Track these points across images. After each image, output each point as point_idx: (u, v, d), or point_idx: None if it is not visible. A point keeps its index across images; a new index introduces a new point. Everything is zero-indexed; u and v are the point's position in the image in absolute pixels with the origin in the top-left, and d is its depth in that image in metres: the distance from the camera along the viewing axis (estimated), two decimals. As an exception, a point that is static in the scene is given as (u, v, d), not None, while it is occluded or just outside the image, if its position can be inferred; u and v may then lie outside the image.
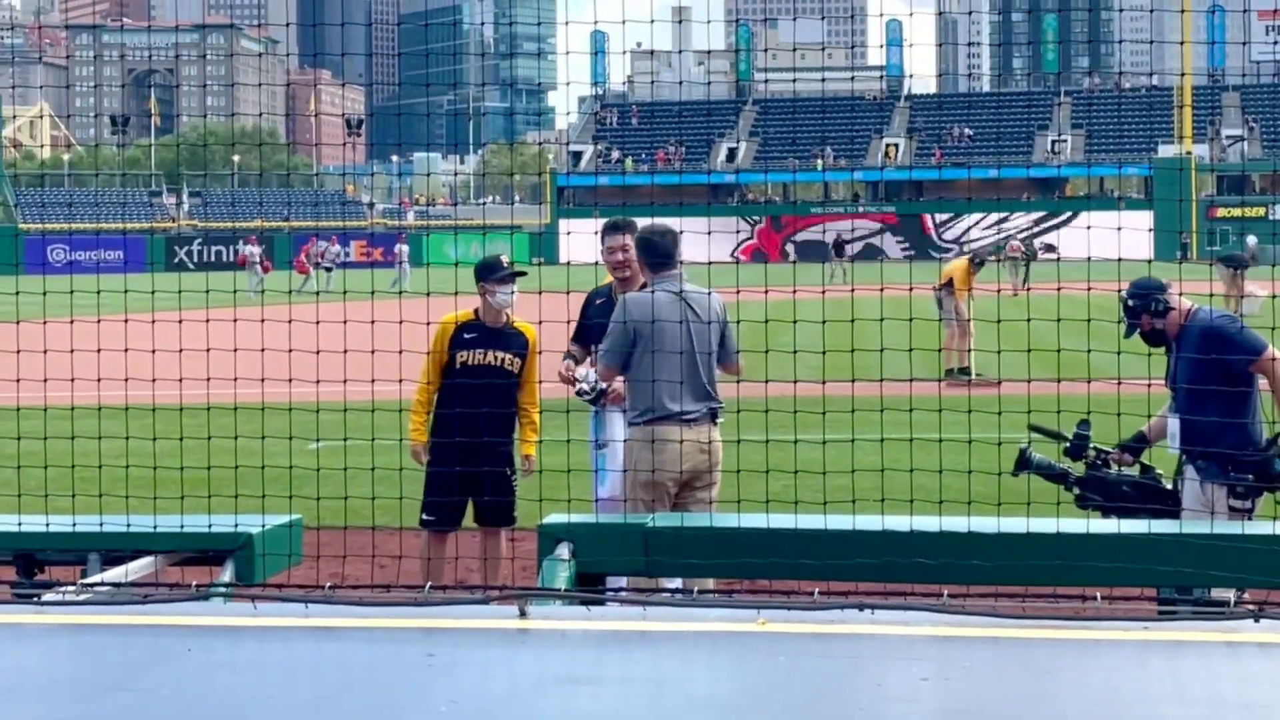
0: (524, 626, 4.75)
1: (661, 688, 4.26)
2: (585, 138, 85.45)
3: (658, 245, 6.98)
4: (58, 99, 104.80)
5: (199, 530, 6.18)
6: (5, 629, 4.83)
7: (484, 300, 7.77)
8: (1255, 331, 6.37)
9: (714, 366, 6.91)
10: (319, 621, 4.77)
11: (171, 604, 5.00)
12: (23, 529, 6.32)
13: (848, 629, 4.63)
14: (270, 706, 3.99)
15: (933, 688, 4.10)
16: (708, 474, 6.88)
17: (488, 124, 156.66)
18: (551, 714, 3.93)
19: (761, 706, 4.07)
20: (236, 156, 78.81)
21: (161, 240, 63.69)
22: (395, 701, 4.00)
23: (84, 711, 3.97)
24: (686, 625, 4.76)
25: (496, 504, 7.66)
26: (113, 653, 4.57)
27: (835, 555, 5.30)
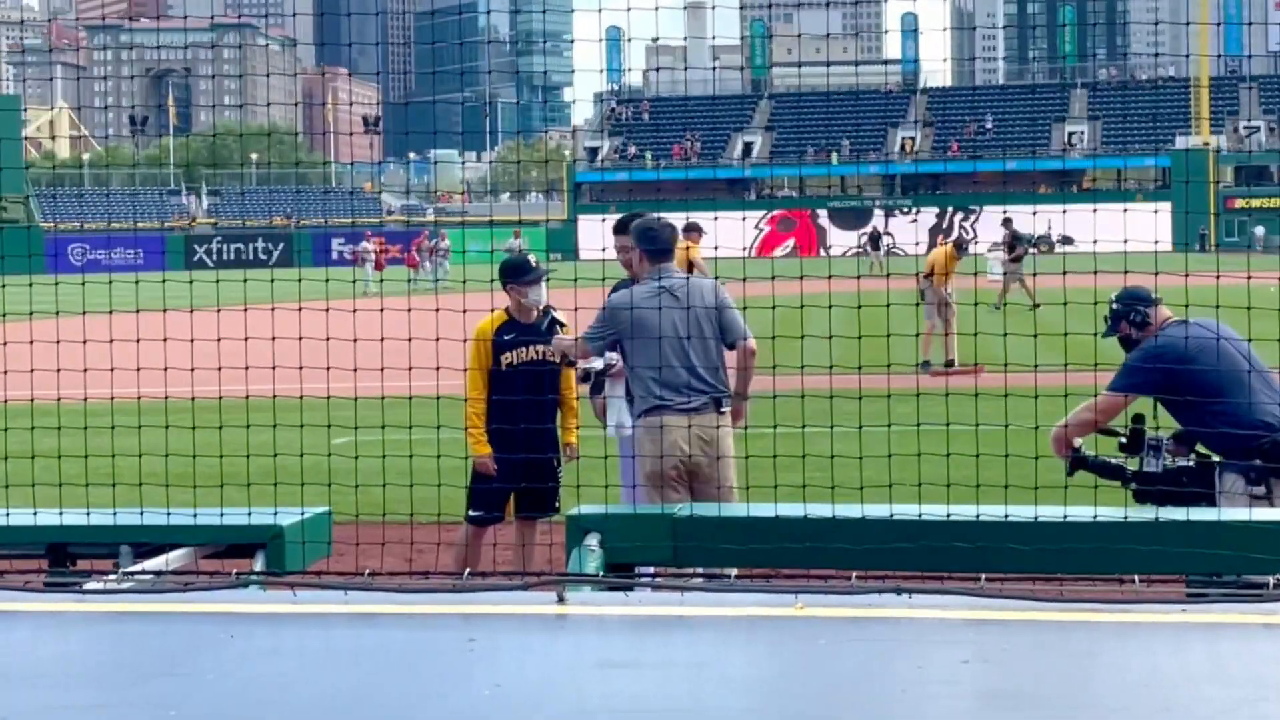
0: (562, 612, 4.77)
1: (700, 671, 4.28)
2: (602, 133, 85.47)
3: (656, 235, 7.02)
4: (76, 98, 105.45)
5: (230, 523, 6.22)
6: (48, 617, 4.87)
7: (514, 300, 7.84)
8: (1140, 366, 6.34)
9: (714, 355, 6.91)
10: (358, 608, 4.80)
11: (212, 591, 5.04)
12: (56, 522, 6.37)
13: (885, 613, 4.64)
14: (314, 692, 4.02)
15: (974, 670, 4.11)
16: (712, 463, 6.86)
17: (504, 120, 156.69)
18: (593, 697, 3.95)
19: (801, 689, 4.08)
20: (255, 154, 79.00)
21: (180, 238, 63.91)
22: (438, 686, 4.03)
23: (130, 697, 4.00)
24: (723, 610, 4.77)
25: (542, 495, 7.73)
26: (156, 640, 4.61)
27: (872, 542, 5.30)
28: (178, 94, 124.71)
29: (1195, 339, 6.25)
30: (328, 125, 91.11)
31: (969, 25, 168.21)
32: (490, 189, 76.62)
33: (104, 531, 6.40)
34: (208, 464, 6.55)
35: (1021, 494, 5.63)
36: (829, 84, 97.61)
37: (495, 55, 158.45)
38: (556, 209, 76.64)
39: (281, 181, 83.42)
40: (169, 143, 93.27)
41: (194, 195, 79.86)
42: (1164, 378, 6.26)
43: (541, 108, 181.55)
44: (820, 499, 5.79)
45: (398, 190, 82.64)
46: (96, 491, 6.28)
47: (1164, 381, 6.27)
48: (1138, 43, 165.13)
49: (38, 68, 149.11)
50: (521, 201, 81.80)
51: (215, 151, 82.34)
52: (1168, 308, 6.53)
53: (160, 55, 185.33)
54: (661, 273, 6.94)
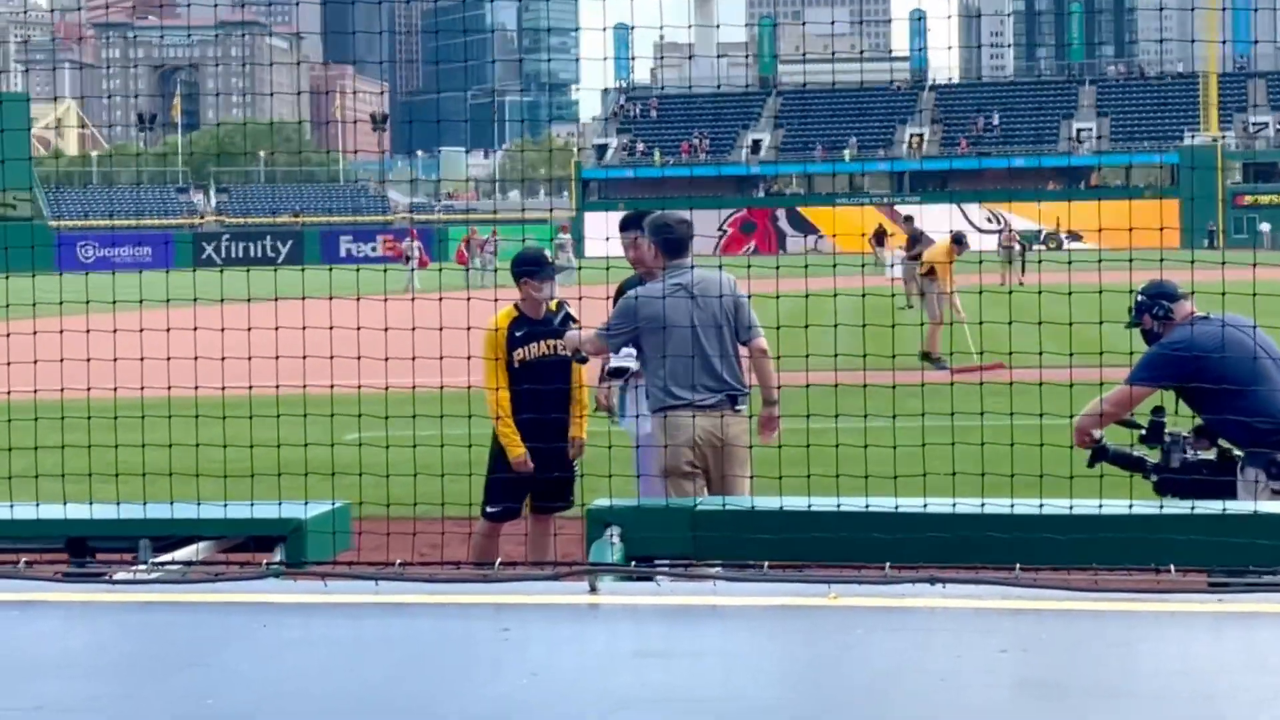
0: (594, 602, 4.76)
1: (736, 660, 4.27)
2: (610, 131, 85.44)
3: (671, 231, 6.99)
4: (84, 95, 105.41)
5: (249, 516, 6.20)
6: (79, 607, 4.87)
7: (526, 295, 7.80)
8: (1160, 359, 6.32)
9: (731, 352, 6.89)
10: (389, 598, 4.79)
11: (242, 582, 5.03)
12: (74, 515, 6.36)
13: (920, 603, 4.62)
14: (350, 680, 4.01)
15: (1012, 659, 4.09)
16: (728, 460, 6.84)
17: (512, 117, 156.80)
18: (631, 686, 3.94)
19: (838, 678, 4.07)
20: (262, 152, 79.06)
21: (189, 236, 63.96)
22: (475, 675, 4.01)
23: (165, 686, 3.99)
24: (756, 600, 4.75)
25: (557, 489, 7.70)
26: (186, 630, 4.60)
27: (906, 535, 5.27)
28: (185, 91, 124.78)
29: (1216, 333, 6.23)
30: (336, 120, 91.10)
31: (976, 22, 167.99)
32: (497, 185, 76.55)
33: (124, 525, 6.38)
34: (218, 458, 6.52)
35: (1038, 486, 5.60)
36: (836, 80, 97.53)
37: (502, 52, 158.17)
38: (564, 205, 76.65)
39: (289, 179, 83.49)
40: (177, 140, 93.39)
41: (202, 192, 79.93)
42: (1184, 371, 6.24)
43: (549, 105, 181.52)
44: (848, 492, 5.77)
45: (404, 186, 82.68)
46: (111, 486, 6.27)
47: (1184, 375, 6.25)
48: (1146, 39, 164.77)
49: (45, 64, 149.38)
50: (529, 198, 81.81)
51: (223, 148, 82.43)
52: (1191, 302, 6.51)
53: (167, 52, 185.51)
54: (678, 269, 6.91)
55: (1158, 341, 6.47)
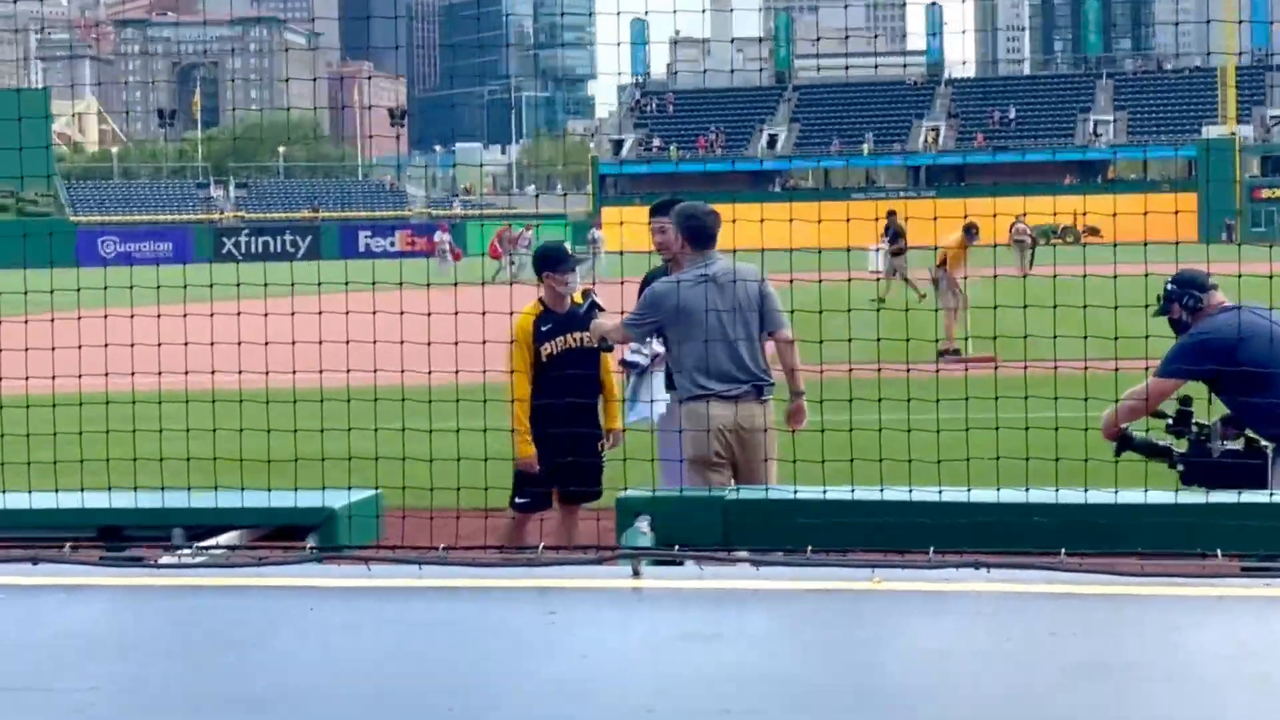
0: (638, 586, 4.77)
1: (780, 643, 4.27)
2: (626, 126, 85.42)
3: (699, 224, 6.99)
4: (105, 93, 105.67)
5: (282, 505, 6.22)
6: (125, 591, 4.90)
7: (549, 289, 7.83)
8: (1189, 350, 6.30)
9: (757, 343, 6.89)
10: (433, 582, 4.81)
11: (286, 566, 5.05)
12: (107, 504, 6.38)
13: (964, 587, 4.62)
14: (403, 663, 4.02)
15: (1060, 643, 4.08)
16: (748, 453, 6.84)
17: (528, 113, 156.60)
18: (682, 667, 3.94)
19: (885, 661, 4.07)
20: (282, 148, 79.22)
21: (210, 231, 64.16)
22: (526, 657, 4.02)
23: (217, 668, 4.01)
24: (800, 584, 4.75)
25: (585, 481, 7.72)
26: (233, 613, 4.62)
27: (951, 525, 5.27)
28: (205, 88, 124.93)
29: (1246, 323, 6.21)
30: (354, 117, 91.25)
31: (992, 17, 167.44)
32: (515, 181, 76.71)
33: (157, 514, 6.41)
34: (249, 448, 6.54)
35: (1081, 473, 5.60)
36: (852, 75, 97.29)
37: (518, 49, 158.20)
38: (581, 201, 76.66)
39: (308, 174, 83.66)
40: (196, 135, 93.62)
41: (222, 188, 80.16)
42: (1213, 362, 6.22)
43: (565, 101, 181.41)
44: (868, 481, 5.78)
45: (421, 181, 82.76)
46: (142, 476, 6.29)
47: (1213, 366, 6.24)
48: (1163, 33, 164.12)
49: (66, 62, 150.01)
50: (546, 194, 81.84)
51: (242, 145, 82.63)
52: (1221, 293, 6.50)
53: (186, 49, 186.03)
54: (704, 259, 6.91)
55: (1187, 332, 6.45)
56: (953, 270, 18.68)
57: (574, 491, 7.83)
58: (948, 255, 18.90)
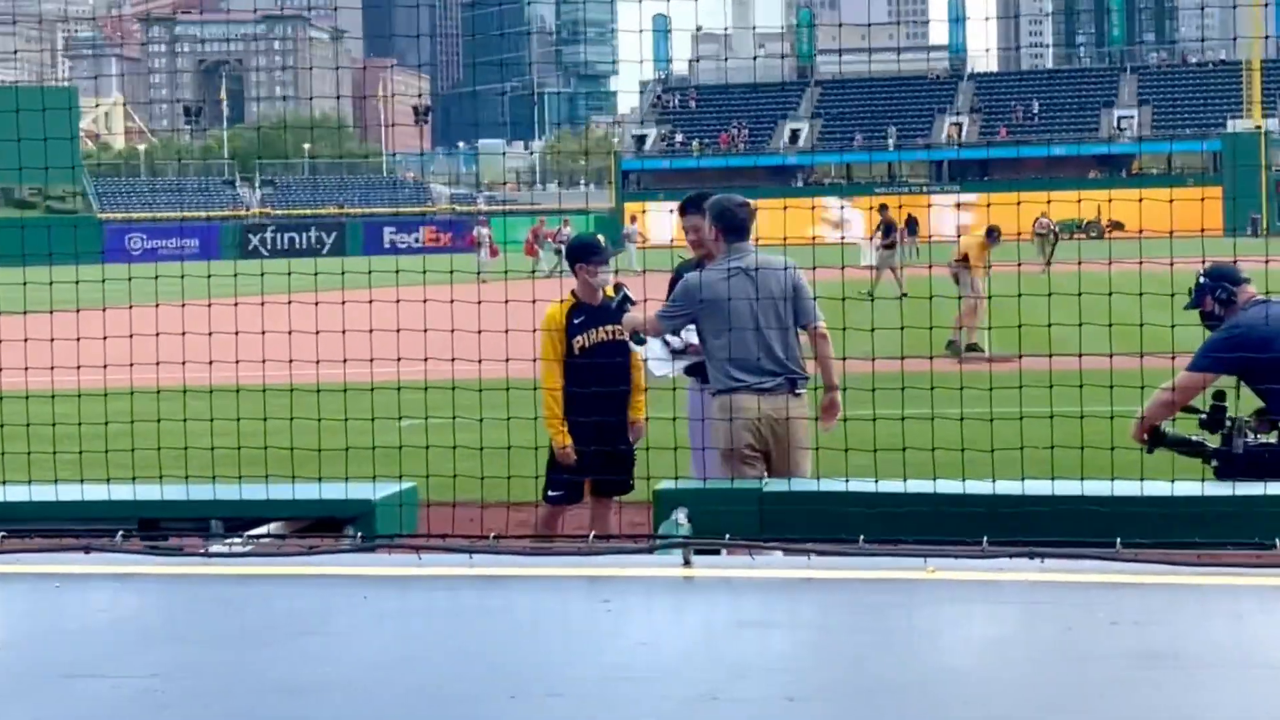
0: (689, 575, 4.76)
1: (835, 632, 4.25)
2: (649, 122, 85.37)
3: (732, 216, 6.96)
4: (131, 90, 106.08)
5: (320, 497, 6.22)
6: (178, 580, 4.91)
7: (583, 281, 7.82)
8: (1221, 344, 6.25)
9: (790, 336, 6.86)
10: (484, 571, 4.80)
11: (338, 555, 5.05)
12: (146, 496, 6.40)
13: (1019, 576, 4.59)
14: (462, 648, 4.02)
15: (1124, 631, 4.05)
16: (782, 447, 6.81)
17: (551, 109, 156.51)
18: (744, 655, 3.93)
19: (944, 649, 4.05)
20: (307, 145, 79.35)
21: (235, 228, 64.36)
22: (585, 642, 4.02)
23: (277, 654, 4.01)
24: (852, 573, 4.73)
25: (619, 473, 7.71)
26: (289, 600, 4.63)
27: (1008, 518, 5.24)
28: (230, 86, 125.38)
29: (1275, 317, 6.15)
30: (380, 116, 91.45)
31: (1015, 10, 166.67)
32: (538, 177, 76.74)
33: (195, 506, 6.42)
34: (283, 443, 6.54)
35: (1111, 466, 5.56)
36: (874, 71, 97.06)
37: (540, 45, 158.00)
38: (604, 197, 76.64)
39: (332, 171, 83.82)
40: (222, 134, 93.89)
41: (248, 185, 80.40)
42: (1248, 355, 6.17)
43: (587, 97, 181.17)
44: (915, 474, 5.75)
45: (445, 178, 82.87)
46: (178, 468, 6.30)
47: (1245, 360, 6.18)
48: (1187, 26, 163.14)
49: (92, 61, 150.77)
50: (568, 189, 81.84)
51: (267, 141, 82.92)
52: (1253, 286, 6.45)
53: (212, 47, 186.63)
54: (738, 252, 6.89)
55: (1220, 325, 6.41)
56: (973, 270, 18.65)
57: (607, 484, 7.83)
58: (969, 254, 18.87)
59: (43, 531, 5.50)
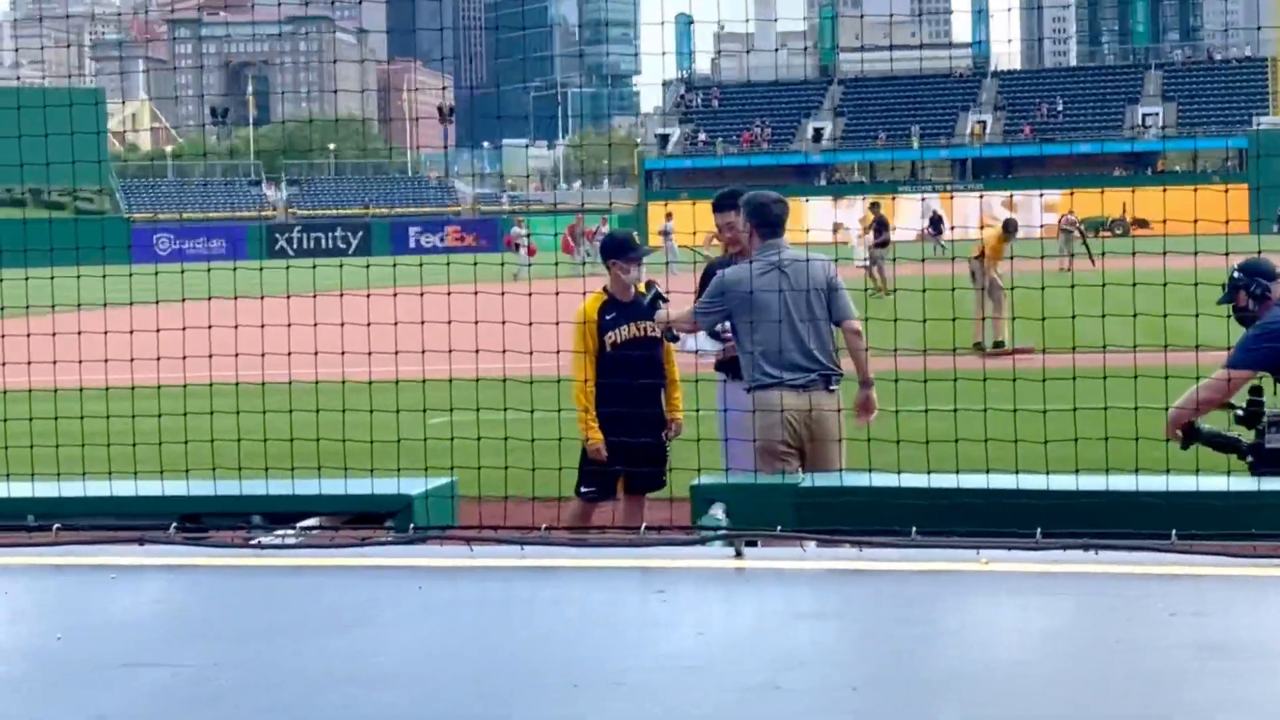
0: (741, 566, 4.74)
1: (889, 624, 4.23)
2: (672, 121, 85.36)
3: (768, 210, 6.95)
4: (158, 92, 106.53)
5: (360, 492, 6.23)
6: (231, 571, 4.92)
7: (615, 277, 7.83)
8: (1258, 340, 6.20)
9: (825, 333, 6.84)
10: (536, 562, 4.80)
11: (389, 546, 5.06)
12: (188, 492, 6.42)
13: (1074, 568, 4.56)
14: (518, 638, 4.01)
15: (1185, 623, 4.02)
16: (817, 443, 6.79)
17: (574, 108, 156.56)
18: (796, 647, 3.91)
19: (1001, 642, 4.02)
20: (332, 145, 79.59)
21: (261, 228, 64.60)
22: (641, 633, 4.01)
23: (334, 645, 4.01)
24: (904, 565, 4.71)
25: (652, 470, 7.70)
26: (342, 592, 4.63)
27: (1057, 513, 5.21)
28: (256, 86, 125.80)
29: None
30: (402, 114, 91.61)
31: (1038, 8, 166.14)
32: (562, 177, 76.83)
33: (237, 501, 6.44)
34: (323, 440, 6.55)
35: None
36: (897, 69, 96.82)
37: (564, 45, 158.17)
38: (627, 196, 76.66)
39: (358, 171, 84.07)
40: (249, 134, 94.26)
41: (274, 185, 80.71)
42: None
43: (610, 96, 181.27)
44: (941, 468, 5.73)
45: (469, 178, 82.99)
46: (218, 462, 6.32)
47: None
48: (1211, 22, 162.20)
49: (119, 61, 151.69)
50: (592, 189, 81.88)
51: (293, 142, 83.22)
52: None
53: (237, 48, 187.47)
54: (772, 248, 6.87)
55: (1254, 322, 6.36)
56: (990, 265, 18.58)
57: (640, 480, 7.82)
58: (985, 248, 18.83)
59: (94, 526, 5.52)
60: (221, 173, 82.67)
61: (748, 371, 6.88)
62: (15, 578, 4.90)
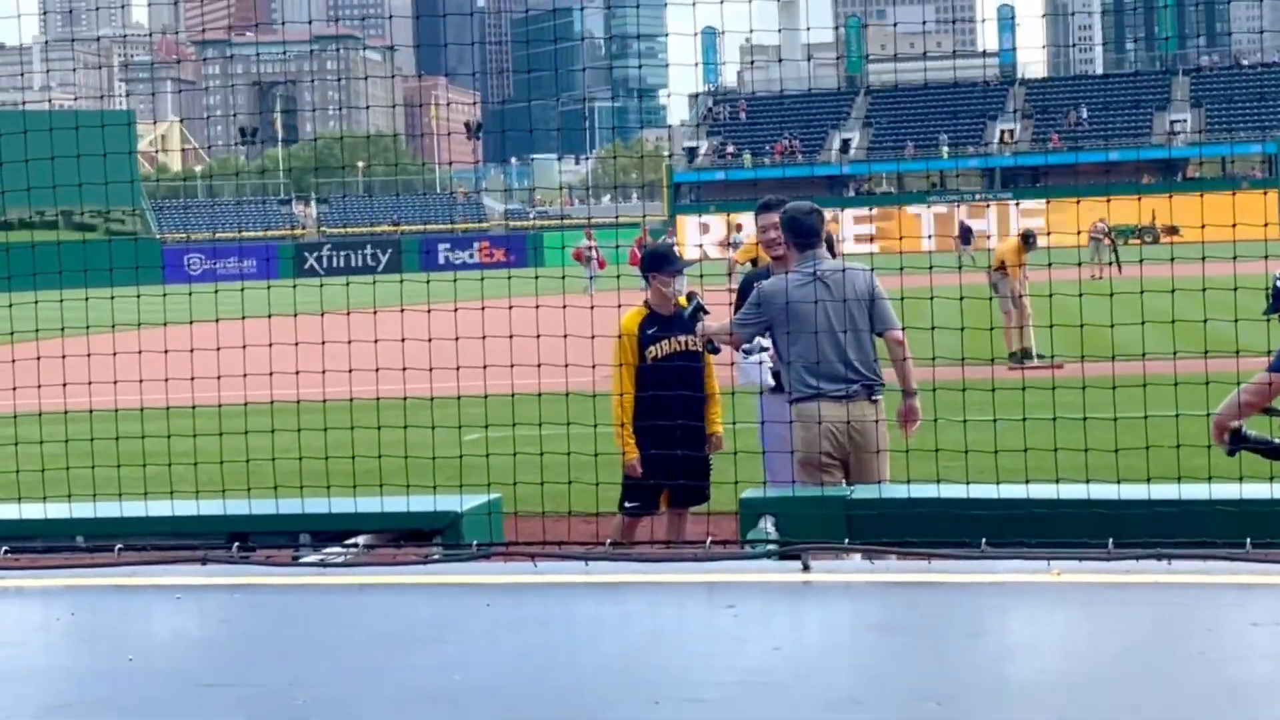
0: (808, 580, 4.71)
1: (962, 637, 4.18)
2: (700, 133, 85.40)
3: (801, 223, 6.92)
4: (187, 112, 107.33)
5: (407, 510, 6.22)
6: (296, 590, 4.91)
7: (656, 290, 7.79)
8: None
9: (867, 344, 6.80)
10: (601, 578, 4.78)
11: (453, 564, 5.04)
12: (237, 511, 6.43)
13: (1147, 579, 4.51)
14: (592, 655, 3.98)
15: (1268, 633, 3.96)
16: (860, 454, 6.74)
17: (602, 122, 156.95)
18: (876, 661, 3.88)
19: (1081, 652, 3.97)
20: (361, 163, 79.88)
21: (291, 246, 64.86)
22: (718, 648, 3.98)
23: (410, 663, 3.99)
24: (974, 576, 4.67)
25: (694, 486, 7.66)
26: (410, 609, 4.62)
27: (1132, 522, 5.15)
28: (285, 105, 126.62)
29: None
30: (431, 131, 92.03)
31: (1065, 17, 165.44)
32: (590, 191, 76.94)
33: (285, 520, 6.44)
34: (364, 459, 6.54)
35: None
36: (926, 78, 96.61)
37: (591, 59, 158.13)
38: (656, 209, 76.70)
39: (387, 189, 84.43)
40: (278, 153, 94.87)
41: (303, 204, 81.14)
42: None
43: (638, 110, 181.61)
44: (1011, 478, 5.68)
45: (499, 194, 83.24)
46: (262, 481, 6.32)
47: None
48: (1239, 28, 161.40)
49: (148, 83, 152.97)
50: (622, 202, 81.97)
51: (322, 161, 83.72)
52: None
53: (266, 67, 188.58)
54: (812, 259, 6.84)
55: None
56: (1011, 275, 18.48)
57: (684, 494, 7.78)
58: (1005, 259, 18.73)
59: (160, 546, 5.53)
60: (251, 192, 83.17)
61: (789, 383, 6.85)
62: (80, 599, 4.91)
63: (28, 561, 5.32)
